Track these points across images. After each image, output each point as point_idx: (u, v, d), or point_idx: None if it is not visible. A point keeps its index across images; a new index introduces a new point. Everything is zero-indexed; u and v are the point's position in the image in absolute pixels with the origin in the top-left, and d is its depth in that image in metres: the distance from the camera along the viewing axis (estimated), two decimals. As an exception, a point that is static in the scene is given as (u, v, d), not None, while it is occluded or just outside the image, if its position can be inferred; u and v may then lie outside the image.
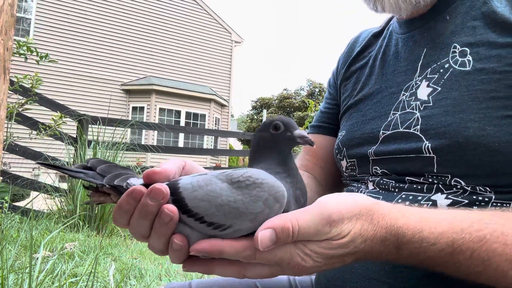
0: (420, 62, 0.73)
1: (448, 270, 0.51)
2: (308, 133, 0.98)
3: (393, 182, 0.70)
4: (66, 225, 3.35)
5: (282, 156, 0.51)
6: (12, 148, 3.78)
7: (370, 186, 0.74)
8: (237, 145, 30.18)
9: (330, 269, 0.48)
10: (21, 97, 3.71)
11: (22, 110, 3.61)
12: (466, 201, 0.61)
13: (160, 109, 14.09)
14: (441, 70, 0.68)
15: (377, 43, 0.88)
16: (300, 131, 0.50)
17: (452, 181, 0.62)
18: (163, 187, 0.47)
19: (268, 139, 0.51)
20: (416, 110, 0.69)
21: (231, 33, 16.48)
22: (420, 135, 0.66)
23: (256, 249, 0.45)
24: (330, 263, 0.48)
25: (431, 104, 0.67)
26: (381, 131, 0.74)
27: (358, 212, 0.48)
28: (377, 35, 0.90)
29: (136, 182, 0.51)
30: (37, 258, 1.76)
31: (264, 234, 0.44)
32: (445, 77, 0.67)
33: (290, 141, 0.51)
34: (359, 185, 0.78)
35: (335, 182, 0.93)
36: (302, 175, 0.89)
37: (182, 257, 0.48)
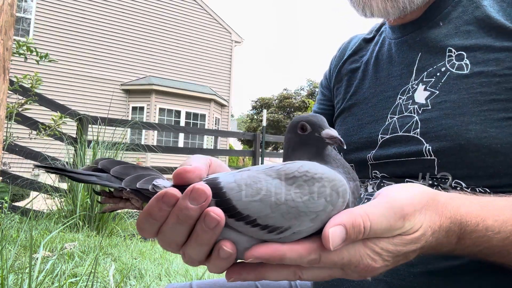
0: (416, 66, 0.74)
1: (506, 259, 0.51)
2: None
3: (393, 183, 0.70)
4: (66, 225, 3.35)
5: (320, 152, 0.47)
6: (12, 148, 3.78)
7: (370, 189, 0.74)
8: (237, 145, 30.18)
9: (394, 267, 0.46)
10: (21, 97, 3.71)
11: (22, 110, 3.61)
12: None
13: (160, 109, 14.09)
14: (438, 74, 0.69)
15: (369, 48, 0.89)
16: (329, 131, 0.46)
17: (453, 183, 0.63)
18: (205, 187, 0.41)
19: (296, 141, 0.48)
20: (414, 113, 0.69)
21: (231, 33, 16.48)
22: (420, 138, 0.66)
23: (321, 252, 0.40)
24: (397, 261, 0.45)
25: (429, 107, 0.67)
26: (380, 135, 0.74)
27: (426, 203, 0.45)
28: (368, 40, 0.91)
29: (164, 184, 0.45)
30: (37, 258, 1.76)
31: (335, 231, 0.39)
32: (442, 81, 0.68)
33: (319, 142, 0.47)
34: (361, 188, 0.77)
35: None
36: None
37: (226, 266, 0.43)
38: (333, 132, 0.46)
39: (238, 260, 0.44)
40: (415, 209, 0.44)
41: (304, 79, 59.65)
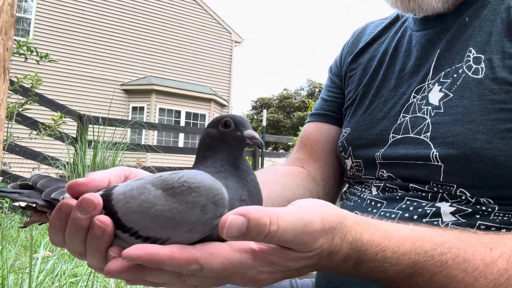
0: (433, 63, 0.70)
1: None
2: (307, 122, 0.94)
3: (397, 187, 0.69)
4: (66, 225, 3.34)
5: (231, 155, 0.46)
6: (12, 148, 3.78)
7: (374, 191, 0.73)
8: (237, 145, 30.05)
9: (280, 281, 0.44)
10: (21, 97, 3.71)
11: (22, 110, 3.61)
12: (470, 210, 0.60)
13: (160, 109, 14.09)
14: (455, 75, 0.66)
15: (388, 36, 0.84)
16: (250, 131, 0.46)
17: (458, 191, 0.61)
18: (94, 197, 0.41)
19: (215, 136, 0.47)
20: (427, 115, 0.67)
21: (231, 33, 16.48)
22: (429, 142, 0.64)
23: (204, 263, 0.38)
24: (288, 275, 0.43)
25: (442, 111, 0.65)
26: (391, 134, 0.71)
27: (334, 225, 0.43)
28: (388, 26, 0.86)
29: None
30: (37, 258, 1.76)
31: (235, 220, 0.37)
32: (458, 83, 0.65)
33: (238, 141, 0.46)
34: (363, 189, 0.76)
35: (336, 180, 0.89)
36: (293, 170, 0.85)
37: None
38: (254, 133, 0.47)
39: None
40: (323, 229, 0.41)
41: (304, 79, 59.67)
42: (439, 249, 0.48)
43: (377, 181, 0.73)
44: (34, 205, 0.48)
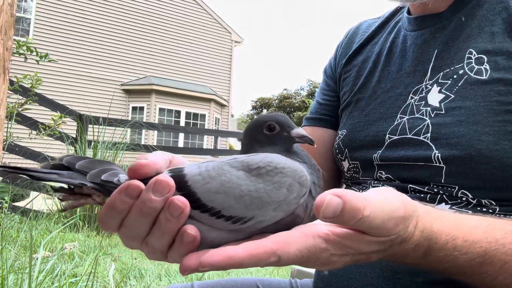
0: (431, 64, 0.69)
1: (472, 279, 0.49)
2: (303, 126, 0.94)
3: (395, 188, 0.68)
4: (66, 225, 3.35)
5: (288, 149, 0.47)
6: (12, 148, 3.78)
7: None
8: (237, 145, 30.15)
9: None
10: (21, 97, 3.71)
11: (22, 110, 3.61)
12: (470, 212, 0.59)
13: (160, 109, 14.08)
14: (455, 76, 0.65)
15: (382, 36, 0.84)
16: (298, 130, 0.47)
17: (459, 193, 0.61)
18: (169, 179, 0.40)
19: (262, 141, 0.47)
20: (426, 116, 0.66)
21: (231, 33, 16.48)
22: (430, 143, 0.63)
23: (281, 254, 0.37)
24: (355, 259, 0.42)
25: (443, 112, 0.64)
26: (387, 135, 0.71)
27: (412, 212, 0.43)
28: (381, 26, 0.86)
29: (126, 179, 0.44)
30: (37, 258, 1.75)
31: (332, 200, 0.37)
32: (459, 84, 0.64)
33: (289, 142, 0.47)
34: (360, 190, 0.75)
35: (334, 183, 0.89)
36: None
37: (188, 252, 0.40)
38: (302, 131, 0.47)
39: None
40: (404, 215, 0.41)
41: (304, 79, 59.65)
42: (510, 237, 0.48)
43: (375, 182, 0.72)
44: (69, 187, 0.46)
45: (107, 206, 0.42)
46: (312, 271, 1.03)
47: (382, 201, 0.40)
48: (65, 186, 0.45)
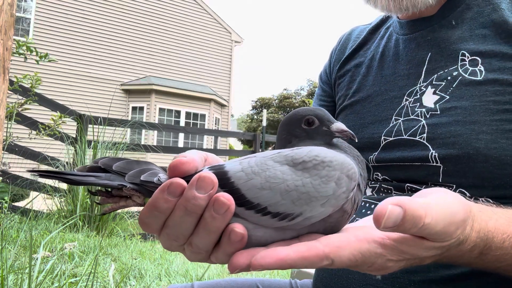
0: (425, 67, 0.71)
1: None
2: None
3: (392, 188, 0.69)
4: (65, 225, 3.34)
5: (329, 143, 0.46)
6: (12, 148, 3.78)
7: (368, 192, 0.73)
8: (237, 145, 30.18)
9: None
10: (20, 97, 3.71)
11: (22, 110, 3.61)
12: None
13: (160, 109, 14.08)
14: (449, 78, 0.66)
15: (374, 41, 0.85)
16: (338, 124, 0.45)
17: (457, 191, 0.61)
18: (211, 175, 0.39)
19: (300, 136, 0.46)
20: (421, 117, 0.67)
21: (231, 33, 16.48)
22: (426, 143, 0.64)
23: (334, 257, 0.36)
24: (410, 263, 0.41)
25: (438, 112, 0.65)
26: (383, 137, 0.71)
27: (469, 213, 0.42)
28: (372, 31, 0.87)
29: (166, 178, 0.42)
30: (37, 258, 1.76)
31: (394, 210, 0.35)
32: (453, 86, 0.65)
33: (328, 136, 0.45)
34: None
35: None
36: None
37: (234, 251, 0.39)
38: (343, 125, 0.45)
39: None
40: (464, 218, 0.40)
41: (304, 79, 59.70)
42: None
43: (372, 182, 0.73)
44: (110, 189, 0.44)
45: (149, 206, 0.41)
46: (312, 271, 1.03)
47: (442, 206, 0.39)
48: (103, 189, 0.44)
